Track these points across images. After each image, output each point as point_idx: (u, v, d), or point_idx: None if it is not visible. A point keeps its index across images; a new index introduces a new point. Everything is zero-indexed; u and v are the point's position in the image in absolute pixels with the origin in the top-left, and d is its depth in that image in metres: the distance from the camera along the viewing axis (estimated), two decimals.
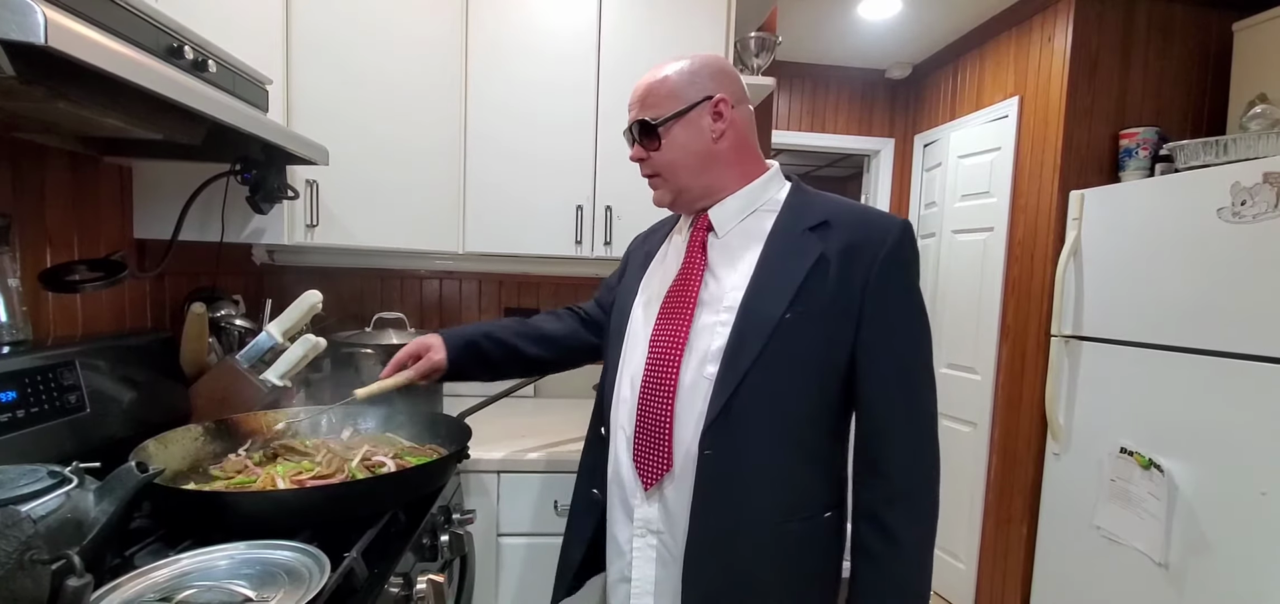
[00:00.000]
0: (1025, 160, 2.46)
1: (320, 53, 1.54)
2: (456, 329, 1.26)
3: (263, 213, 1.37)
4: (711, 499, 0.94)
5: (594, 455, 1.14)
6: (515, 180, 1.74)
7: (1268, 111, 1.84)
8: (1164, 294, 1.81)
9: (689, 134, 1.00)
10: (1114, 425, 1.95)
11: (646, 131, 1.02)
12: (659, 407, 0.98)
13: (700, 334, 0.98)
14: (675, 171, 1.03)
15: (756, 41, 1.98)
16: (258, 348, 1.40)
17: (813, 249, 0.94)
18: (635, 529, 1.02)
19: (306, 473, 1.09)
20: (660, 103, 1.01)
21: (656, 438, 0.98)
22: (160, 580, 0.79)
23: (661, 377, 0.98)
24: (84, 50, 0.69)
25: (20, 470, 0.78)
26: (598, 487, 1.11)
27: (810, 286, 0.92)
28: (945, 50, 2.98)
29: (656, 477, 0.98)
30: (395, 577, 0.92)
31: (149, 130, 1.08)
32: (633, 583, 1.02)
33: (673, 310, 1.01)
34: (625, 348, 1.09)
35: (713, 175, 1.02)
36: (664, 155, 1.02)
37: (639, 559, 1.02)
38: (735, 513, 0.94)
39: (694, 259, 1.03)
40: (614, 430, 1.07)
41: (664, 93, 1.01)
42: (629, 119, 1.05)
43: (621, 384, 1.07)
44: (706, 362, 0.96)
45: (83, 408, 1.09)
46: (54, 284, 1.18)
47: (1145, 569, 1.81)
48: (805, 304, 0.92)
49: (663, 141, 1.01)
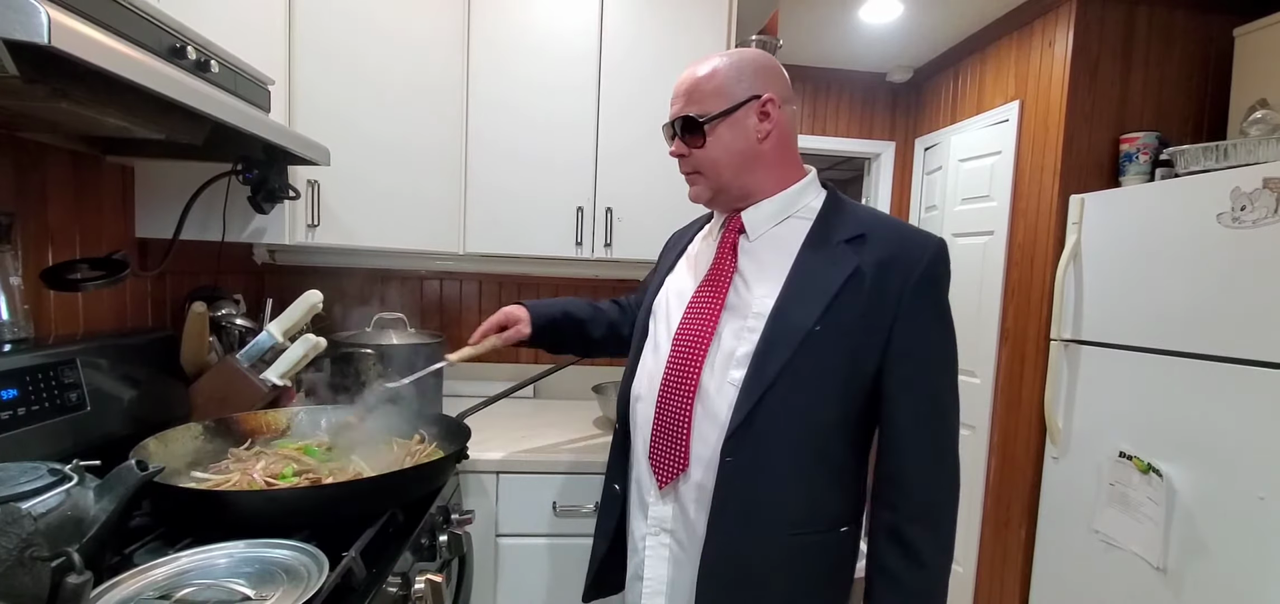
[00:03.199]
0: (1026, 164, 2.46)
1: (322, 53, 1.54)
2: (541, 302, 1.34)
3: (264, 212, 1.37)
4: (730, 506, 0.93)
5: (618, 450, 1.14)
6: (516, 181, 1.74)
7: (1268, 117, 1.84)
8: (1164, 299, 1.81)
9: (734, 133, 0.98)
10: (1113, 430, 1.95)
11: (691, 127, 0.99)
12: (678, 406, 0.97)
13: (726, 339, 0.96)
14: (717, 170, 1.00)
15: (757, 45, 1.98)
16: (258, 347, 1.40)
17: (848, 262, 0.93)
18: (649, 527, 1.03)
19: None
20: (706, 99, 0.98)
21: (674, 438, 0.97)
22: (159, 578, 0.79)
23: (682, 377, 0.97)
24: (87, 50, 0.69)
25: (21, 468, 0.79)
26: (619, 481, 1.12)
27: (843, 300, 0.91)
28: (946, 54, 2.98)
29: (671, 476, 0.98)
30: (393, 576, 0.92)
31: (151, 130, 1.08)
32: (645, 581, 1.03)
33: (699, 311, 1.00)
34: (648, 344, 1.09)
35: (754, 177, 1.00)
36: (707, 153, 0.99)
37: (651, 557, 1.02)
38: (754, 521, 0.93)
39: (724, 261, 1.01)
40: (634, 423, 1.08)
41: (711, 88, 0.98)
42: (671, 112, 1.02)
43: (640, 380, 1.07)
44: (731, 366, 0.95)
45: (83, 406, 1.09)
46: (56, 282, 1.19)
47: (1144, 573, 1.81)
48: (836, 317, 0.91)
49: (707, 139, 0.99)
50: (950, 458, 0.95)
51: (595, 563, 1.15)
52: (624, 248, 1.78)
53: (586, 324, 1.34)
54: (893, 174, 3.32)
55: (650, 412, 1.01)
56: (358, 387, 1.61)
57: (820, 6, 2.55)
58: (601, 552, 1.14)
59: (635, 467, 1.07)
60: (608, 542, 1.13)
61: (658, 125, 1.79)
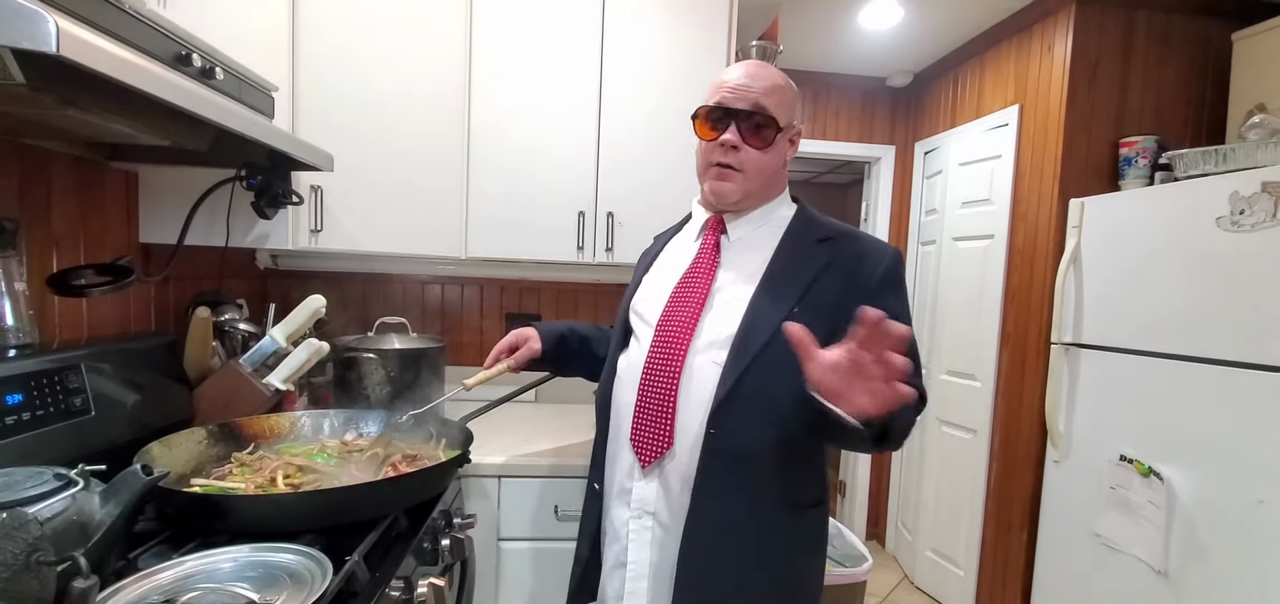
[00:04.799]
0: (1025, 168, 2.47)
1: (325, 60, 1.55)
2: (549, 323, 1.38)
3: (267, 218, 1.38)
4: (713, 479, 0.98)
5: (597, 451, 1.17)
6: (517, 186, 1.75)
7: (1266, 121, 1.85)
8: (1163, 302, 1.82)
9: (777, 152, 1.07)
10: (1114, 433, 1.95)
11: (763, 125, 1.04)
12: (663, 384, 1.01)
13: (710, 323, 1.03)
14: (759, 176, 1.07)
15: (758, 50, 1.99)
16: (261, 352, 1.41)
17: (821, 256, 1.03)
18: (632, 511, 1.05)
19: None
20: (781, 108, 1.05)
21: (659, 415, 1.01)
22: (164, 582, 0.80)
23: (667, 357, 1.02)
24: (95, 58, 0.70)
25: (26, 472, 0.79)
26: (598, 480, 1.15)
27: (819, 286, 1.00)
28: (946, 58, 2.99)
29: (656, 453, 1.01)
30: (396, 580, 0.93)
31: (156, 136, 1.09)
32: (628, 566, 1.05)
33: (683, 299, 1.06)
34: (631, 339, 1.13)
35: (764, 193, 1.10)
36: (760, 157, 1.05)
37: (634, 542, 1.05)
38: (735, 494, 0.98)
39: (707, 255, 1.09)
40: (615, 413, 1.11)
41: (783, 101, 1.06)
42: (746, 101, 1.03)
43: (622, 371, 1.11)
44: (715, 348, 1.01)
45: (88, 411, 1.10)
46: (62, 288, 1.20)
47: (1144, 577, 1.81)
48: (813, 300, 0.99)
49: (771, 147, 1.05)
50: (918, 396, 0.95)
51: (579, 564, 1.17)
52: (625, 252, 1.78)
53: (592, 342, 1.37)
54: (893, 178, 3.33)
55: (632, 396, 1.05)
56: (360, 390, 1.62)
57: (820, 11, 2.56)
58: (585, 552, 1.16)
59: (615, 457, 1.10)
60: (590, 541, 1.15)
61: (659, 130, 1.82)
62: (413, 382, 1.66)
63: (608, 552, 1.11)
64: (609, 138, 1.76)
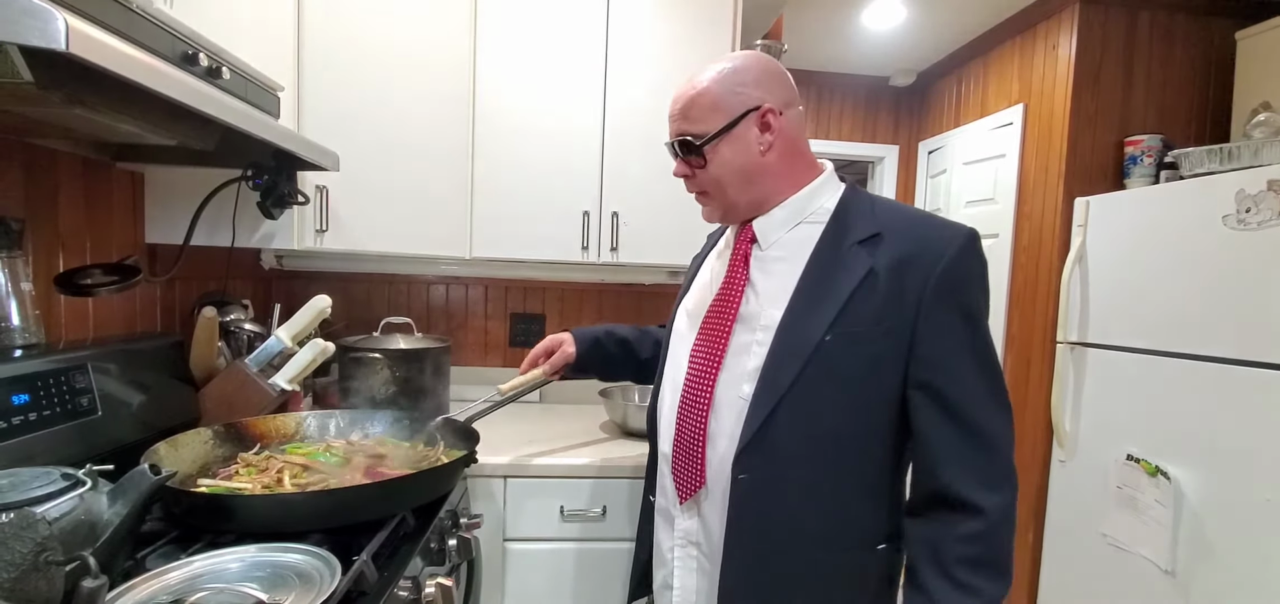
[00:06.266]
0: (1030, 167, 2.46)
1: (330, 60, 1.55)
2: (584, 328, 1.36)
3: (273, 218, 1.38)
4: (746, 524, 0.91)
5: (651, 462, 1.14)
6: (522, 185, 1.74)
7: (1271, 119, 1.85)
8: (1169, 301, 1.81)
9: (734, 150, 0.93)
10: (1120, 433, 1.94)
11: (689, 149, 0.95)
12: (694, 423, 0.96)
13: (737, 353, 0.94)
14: (722, 189, 0.96)
15: (762, 50, 1.98)
16: (266, 352, 1.40)
17: (860, 265, 0.87)
18: (676, 539, 1.02)
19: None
20: (702, 116, 0.94)
21: (691, 454, 0.96)
22: (173, 582, 0.79)
23: (698, 393, 0.96)
24: (103, 56, 0.70)
25: (34, 473, 0.79)
26: (651, 493, 1.12)
27: (854, 306, 0.86)
28: (949, 57, 2.99)
29: (691, 492, 0.97)
30: (404, 580, 0.92)
31: (163, 136, 1.09)
32: (675, 591, 1.03)
33: (713, 326, 0.98)
34: (670, 361, 1.08)
35: (761, 188, 0.96)
36: (710, 173, 0.95)
37: (680, 568, 1.02)
38: (772, 537, 0.91)
39: (736, 273, 0.98)
40: (660, 434, 1.07)
41: (705, 105, 0.93)
42: (670, 133, 0.99)
43: (664, 397, 1.07)
44: (742, 381, 0.92)
45: (94, 411, 1.09)
46: (68, 288, 1.19)
47: (1152, 576, 1.80)
48: (849, 325, 0.86)
49: (708, 160, 0.94)
50: (997, 475, 0.84)
51: (638, 569, 1.15)
52: (630, 252, 1.78)
53: (632, 343, 1.33)
54: (897, 177, 3.33)
55: (671, 429, 1.01)
56: (365, 391, 1.62)
57: (824, 11, 2.56)
58: (644, 558, 1.13)
59: (662, 478, 1.06)
60: (648, 550, 1.12)
61: (663, 130, 1.80)
62: (418, 382, 1.66)
63: (657, 572, 1.09)
64: (613, 137, 1.76)
